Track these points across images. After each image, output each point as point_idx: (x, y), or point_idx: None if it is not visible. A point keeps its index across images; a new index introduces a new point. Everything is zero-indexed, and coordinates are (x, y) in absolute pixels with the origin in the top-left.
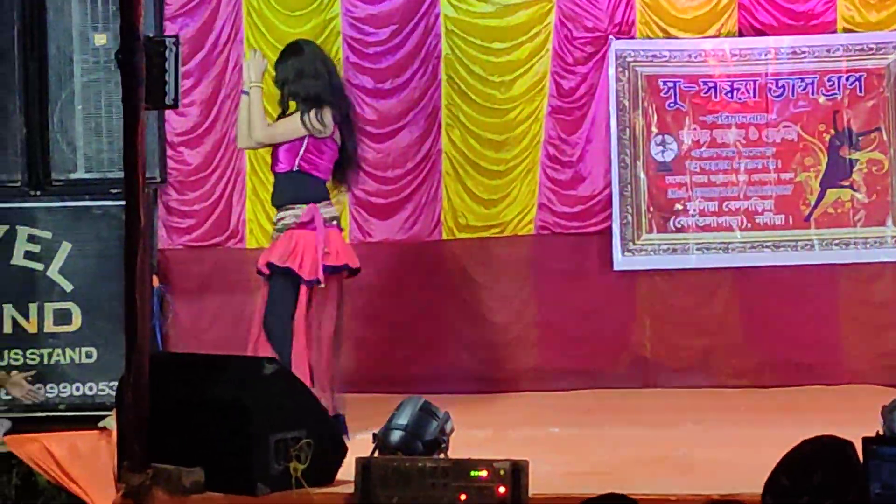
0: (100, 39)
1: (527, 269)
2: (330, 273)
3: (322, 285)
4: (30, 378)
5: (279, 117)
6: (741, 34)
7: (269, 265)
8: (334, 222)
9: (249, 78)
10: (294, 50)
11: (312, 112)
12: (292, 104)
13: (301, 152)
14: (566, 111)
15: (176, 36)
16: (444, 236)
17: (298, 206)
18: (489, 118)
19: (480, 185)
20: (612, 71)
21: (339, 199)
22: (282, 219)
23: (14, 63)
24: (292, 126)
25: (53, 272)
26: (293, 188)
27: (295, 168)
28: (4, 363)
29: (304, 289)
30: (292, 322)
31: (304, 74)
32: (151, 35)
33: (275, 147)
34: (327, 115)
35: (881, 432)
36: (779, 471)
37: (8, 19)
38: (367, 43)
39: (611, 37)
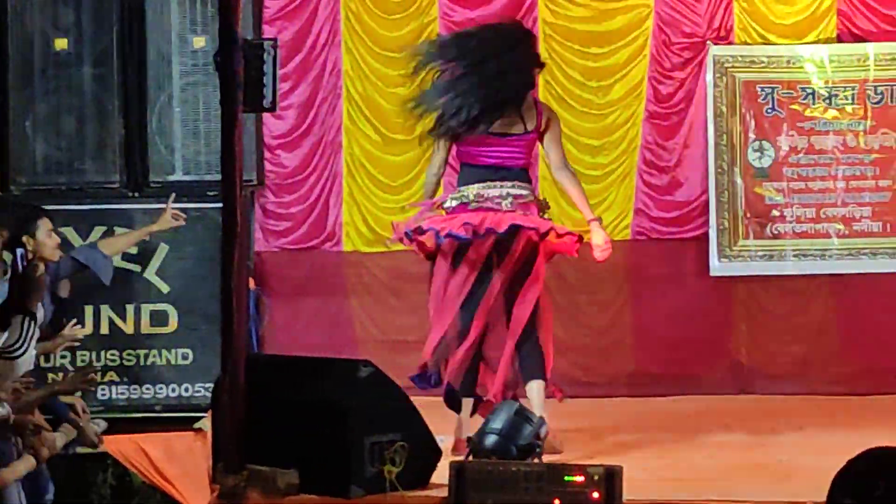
0: (198, 42)
1: (623, 275)
2: None
3: None
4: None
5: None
6: (840, 40)
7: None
8: None
9: None
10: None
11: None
12: None
13: None
14: (663, 116)
15: (274, 39)
16: None
17: None
18: (586, 123)
19: None
20: (709, 76)
21: None
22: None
23: (113, 65)
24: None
25: (150, 274)
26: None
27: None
28: (101, 363)
29: None
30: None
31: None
32: (250, 38)
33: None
34: None
35: None
36: (838, 492)
37: (107, 22)
38: None
39: (709, 42)
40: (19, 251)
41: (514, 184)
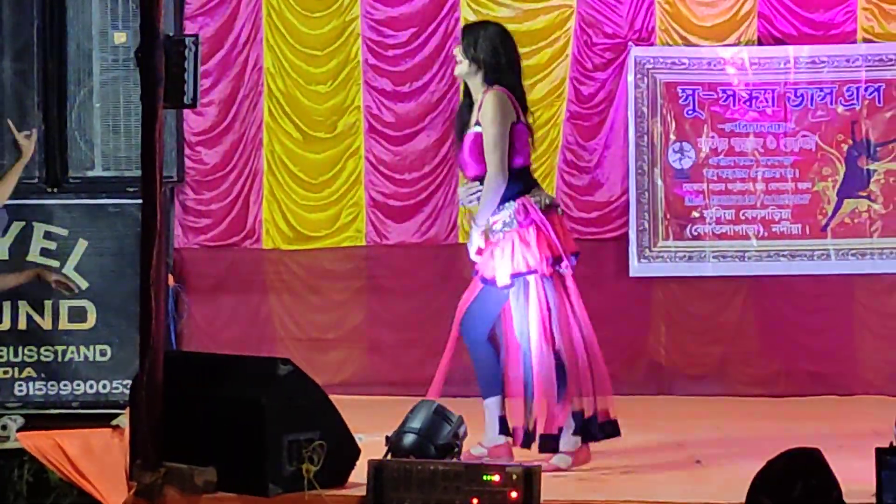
0: (119, 38)
1: None
2: None
3: None
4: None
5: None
6: (761, 43)
7: None
8: None
9: None
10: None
11: None
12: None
13: None
14: (584, 117)
15: (196, 35)
16: (461, 240)
17: None
18: None
19: None
20: (631, 77)
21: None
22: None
23: (33, 60)
24: None
25: (69, 269)
26: None
27: None
28: (18, 359)
29: None
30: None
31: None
32: (171, 34)
33: None
34: None
35: (894, 444)
36: (757, 491)
37: (28, 17)
38: (387, 45)
39: (630, 43)
40: None
41: None
